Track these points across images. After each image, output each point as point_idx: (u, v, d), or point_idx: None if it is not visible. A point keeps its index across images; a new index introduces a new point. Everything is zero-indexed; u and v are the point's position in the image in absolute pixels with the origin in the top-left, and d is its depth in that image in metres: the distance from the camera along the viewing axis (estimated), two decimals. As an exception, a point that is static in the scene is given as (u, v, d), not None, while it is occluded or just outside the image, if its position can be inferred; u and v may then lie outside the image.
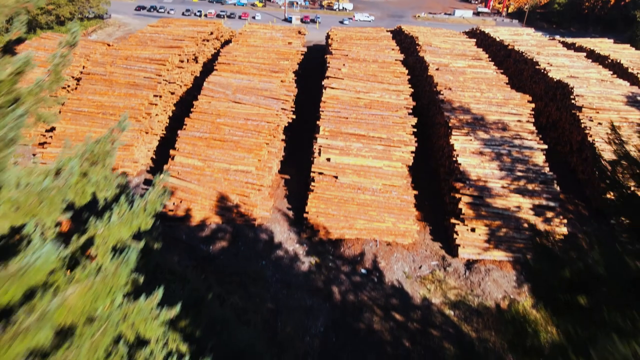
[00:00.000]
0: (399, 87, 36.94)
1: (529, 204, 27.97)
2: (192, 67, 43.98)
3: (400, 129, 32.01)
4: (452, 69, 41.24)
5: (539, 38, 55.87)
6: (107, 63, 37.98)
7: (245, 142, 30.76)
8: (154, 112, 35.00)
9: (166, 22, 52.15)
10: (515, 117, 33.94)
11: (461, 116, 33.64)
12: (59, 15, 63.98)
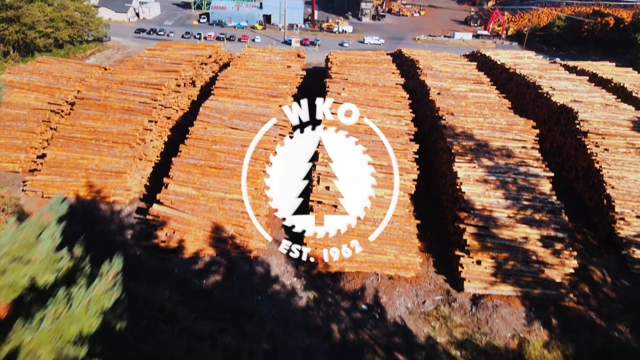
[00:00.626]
0: (399, 112, 36.12)
1: (537, 235, 26.81)
2: (190, 91, 43.27)
3: (402, 156, 31.04)
4: (454, 93, 40.49)
5: (540, 61, 55.38)
6: (102, 88, 37.23)
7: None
8: (149, 137, 34.08)
9: (164, 45, 51.70)
10: (520, 144, 33.02)
11: (464, 142, 32.73)
12: (58, 39, 63.64)
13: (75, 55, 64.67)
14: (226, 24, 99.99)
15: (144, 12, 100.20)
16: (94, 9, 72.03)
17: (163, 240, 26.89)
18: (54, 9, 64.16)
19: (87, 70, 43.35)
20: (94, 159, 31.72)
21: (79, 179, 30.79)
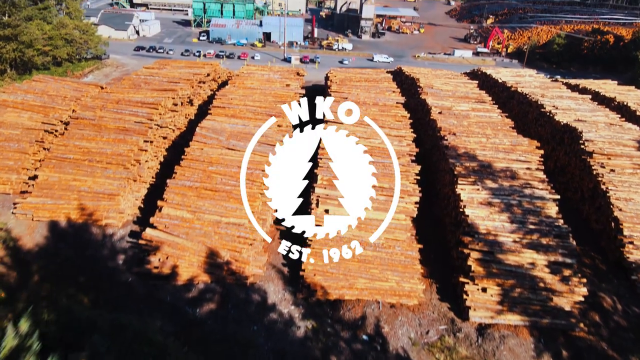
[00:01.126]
0: (400, 132, 35.38)
1: (544, 261, 25.82)
2: (187, 110, 42.60)
3: (403, 177, 30.19)
4: (456, 112, 39.81)
5: (541, 79, 54.88)
6: (97, 107, 36.54)
7: (238, 192, 28.84)
8: (144, 158, 33.26)
9: (162, 63, 51.21)
10: (524, 165, 32.18)
11: (467, 163, 31.91)
12: (56, 57, 63.30)
13: (73, 73, 64.28)
14: (226, 41, 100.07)
15: (144, 30, 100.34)
16: (93, 27, 71.96)
17: (156, 266, 25.88)
18: (53, 27, 63.95)
19: (84, 89, 42.70)
20: (86, 180, 30.86)
21: (71, 202, 29.89)
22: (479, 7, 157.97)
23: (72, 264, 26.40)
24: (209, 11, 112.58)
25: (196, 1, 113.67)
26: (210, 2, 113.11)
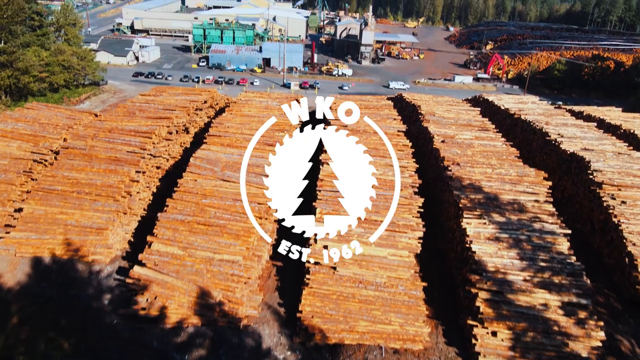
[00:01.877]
0: (402, 162, 34.08)
1: (557, 302, 24.24)
2: (182, 138, 41.44)
3: (406, 211, 28.81)
4: (459, 141, 38.63)
5: (545, 106, 53.94)
6: (89, 136, 35.37)
7: (233, 227, 27.46)
8: (135, 189, 31.92)
9: (159, 90, 50.35)
10: (532, 197, 30.81)
11: (472, 195, 30.55)
12: (53, 83, 62.55)
13: (69, 99, 63.46)
14: (225, 67, 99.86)
15: (143, 56, 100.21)
16: (91, 53, 71.51)
17: (143, 307, 24.26)
18: (51, 54, 63.42)
19: (77, 117, 41.64)
20: (74, 213, 29.44)
21: (56, 236, 28.42)
22: (478, 33, 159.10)
23: (55, 305, 24.81)
24: (209, 37, 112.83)
25: (196, 27, 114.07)
26: (211, 29, 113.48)
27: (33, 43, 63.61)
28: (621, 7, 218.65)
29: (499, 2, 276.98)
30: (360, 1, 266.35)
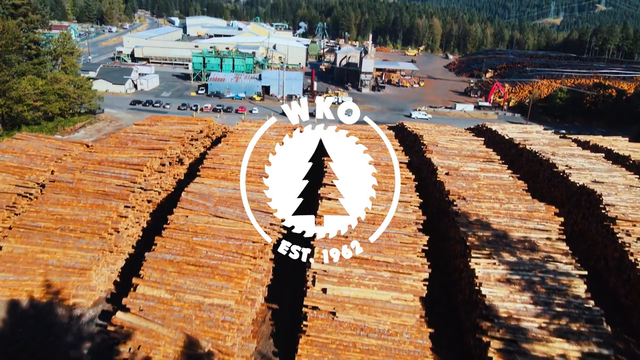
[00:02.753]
0: (405, 197, 32.43)
1: (577, 352, 22.25)
2: (176, 170, 39.93)
3: (410, 250, 27.01)
4: (464, 173, 37.07)
5: (550, 136, 52.57)
6: (77, 168, 33.85)
7: (225, 268, 25.63)
8: (123, 226, 30.21)
9: (154, 119, 49.05)
10: (544, 234, 29.06)
11: (480, 232, 28.81)
12: (47, 111, 61.48)
13: (64, 128, 62.31)
14: (224, 95, 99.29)
15: (142, 84, 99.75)
16: (88, 81, 70.75)
17: (125, 358, 22.25)
18: (47, 82, 62.53)
19: (67, 148, 40.18)
20: (56, 252, 27.65)
21: (36, 277, 26.57)
22: (478, 61, 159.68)
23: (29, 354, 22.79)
24: (209, 65, 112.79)
25: (196, 55, 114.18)
26: (210, 57, 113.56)
27: (29, 72, 62.81)
28: (618, 35, 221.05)
29: (496, 30, 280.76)
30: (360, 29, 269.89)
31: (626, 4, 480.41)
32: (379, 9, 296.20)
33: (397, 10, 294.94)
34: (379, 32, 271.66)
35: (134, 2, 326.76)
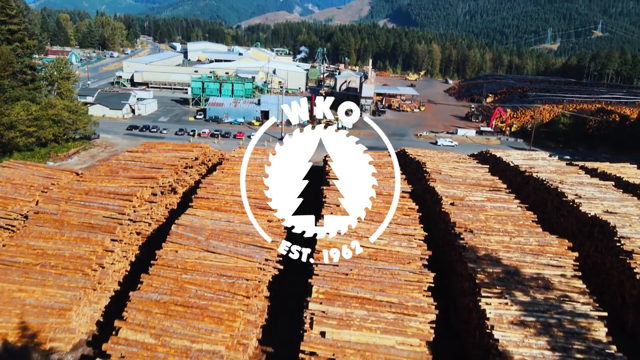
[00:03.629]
0: (409, 229, 30.68)
1: (601, 405, 20.16)
2: (168, 199, 38.22)
3: (416, 289, 25.11)
4: (470, 203, 35.34)
5: (556, 163, 51.08)
6: (63, 199, 32.15)
7: (216, 309, 23.69)
8: (109, 261, 28.35)
9: (148, 146, 47.60)
10: (558, 271, 27.17)
11: (489, 269, 26.91)
12: (41, 137, 60.07)
13: (57, 154, 60.81)
14: (223, 120, 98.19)
15: (140, 109, 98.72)
16: (83, 106, 69.62)
17: (102, 414, 20.18)
18: (41, 108, 61.28)
19: (56, 176, 38.56)
20: (34, 291, 25.73)
21: (12, 318, 24.60)
22: (478, 85, 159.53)
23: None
24: (208, 90, 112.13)
25: (195, 80, 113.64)
26: (209, 81, 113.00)
27: (24, 97, 61.67)
28: (617, 60, 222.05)
29: (495, 55, 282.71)
30: (360, 54, 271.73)
31: (622, 30, 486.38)
32: (378, 35, 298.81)
33: (397, 35, 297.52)
34: (379, 57, 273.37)
35: (136, 28, 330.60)
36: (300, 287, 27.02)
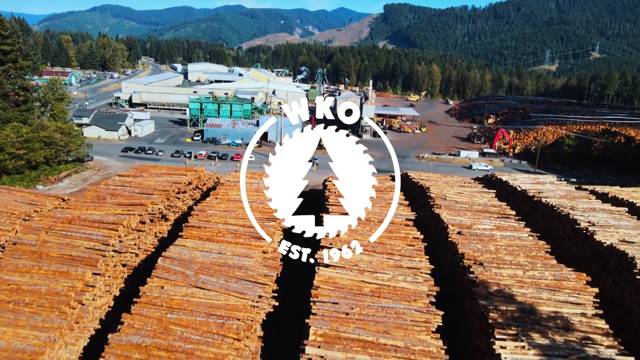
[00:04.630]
0: (414, 262, 28.52)
1: None
2: (158, 228, 36.10)
3: (423, 330, 22.88)
4: (478, 232, 33.27)
5: (565, 187, 49.04)
6: (44, 228, 30.08)
7: (202, 354, 21.46)
8: (89, 297, 26.10)
9: (140, 170, 45.66)
10: (577, 309, 24.96)
11: (503, 306, 24.69)
12: (31, 160, 58.23)
13: (47, 177, 58.91)
14: (220, 141, 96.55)
15: (136, 130, 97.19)
16: (77, 128, 68.06)
17: None
18: (32, 130, 59.63)
19: (40, 202, 36.54)
20: (5, 332, 23.45)
21: (-22, 365, 22.30)
22: (478, 106, 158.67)
23: None
24: (206, 111, 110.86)
25: (193, 101, 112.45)
26: (208, 102, 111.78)
27: (15, 118, 60.11)
28: (617, 82, 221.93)
29: (495, 76, 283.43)
30: (360, 75, 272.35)
31: (620, 52, 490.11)
32: (378, 56, 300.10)
33: (397, 56, 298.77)
34: (379, 77, 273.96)
35: (138, 50, 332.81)
36: (299, 329, 24.83)
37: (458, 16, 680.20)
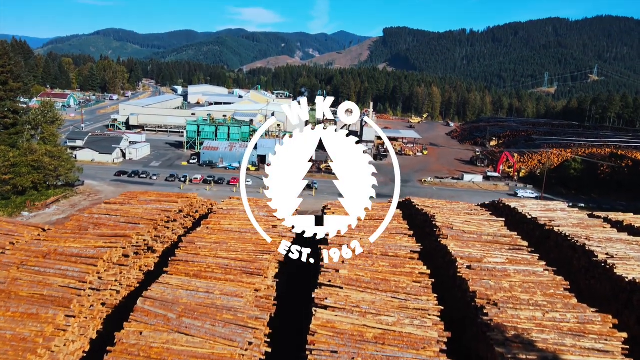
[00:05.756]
0: (421, 302, 25.85)
1: None
2: (144, 260, 33.49)
3: (435, 389, 20.11)
4: (489, 266, 30.66)
5: (578, 215, 46.50)
6: (15, 264, 27.51)
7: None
8: (60, 342, 23.39)
9: (129, 196, 43.35)
10: (605, 357, 22.24)
11: (522, 355, 22.00)
12: (17, 185, 55.84)
13: (34, 203, 56.43)
14: (217, 165, 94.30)
15: (131, 153, 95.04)
16: (68, 152, 65.78)
17: None
18: (20, 153, 57.39)
19: (18, 233, 33.99)
20: (-41, 387, 20.74)
21: None
22: (480, 128, 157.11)
23: None
24: (203, 133, 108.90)
25: (190, 123, 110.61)
26: (205, 124, 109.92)
27: (3, 142, 57.98)
28: (618, 104, 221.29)
29: (495, 98, 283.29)
30: (360, 97, 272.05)
31: (618, 74, 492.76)
32: (378, 78, 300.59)
33: (396, 79, 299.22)
34: (379, 99, 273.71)
35: (139, 72, 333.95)
36: None
37: (457, 39, 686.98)
